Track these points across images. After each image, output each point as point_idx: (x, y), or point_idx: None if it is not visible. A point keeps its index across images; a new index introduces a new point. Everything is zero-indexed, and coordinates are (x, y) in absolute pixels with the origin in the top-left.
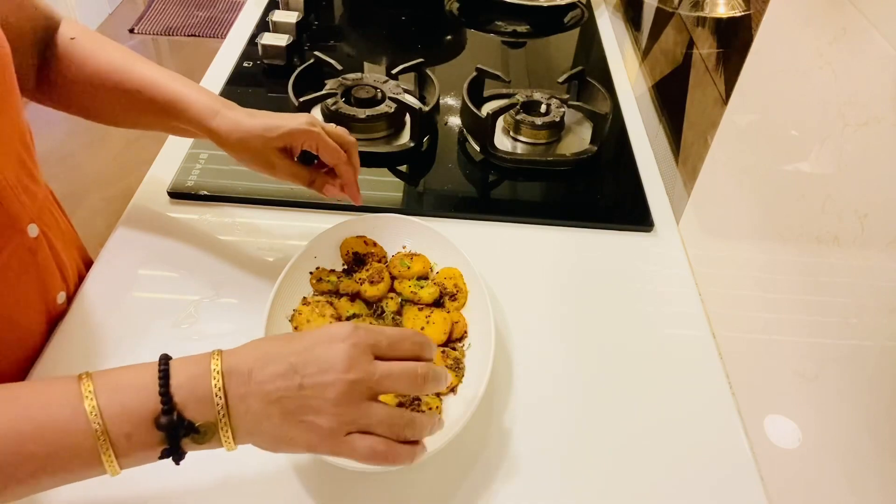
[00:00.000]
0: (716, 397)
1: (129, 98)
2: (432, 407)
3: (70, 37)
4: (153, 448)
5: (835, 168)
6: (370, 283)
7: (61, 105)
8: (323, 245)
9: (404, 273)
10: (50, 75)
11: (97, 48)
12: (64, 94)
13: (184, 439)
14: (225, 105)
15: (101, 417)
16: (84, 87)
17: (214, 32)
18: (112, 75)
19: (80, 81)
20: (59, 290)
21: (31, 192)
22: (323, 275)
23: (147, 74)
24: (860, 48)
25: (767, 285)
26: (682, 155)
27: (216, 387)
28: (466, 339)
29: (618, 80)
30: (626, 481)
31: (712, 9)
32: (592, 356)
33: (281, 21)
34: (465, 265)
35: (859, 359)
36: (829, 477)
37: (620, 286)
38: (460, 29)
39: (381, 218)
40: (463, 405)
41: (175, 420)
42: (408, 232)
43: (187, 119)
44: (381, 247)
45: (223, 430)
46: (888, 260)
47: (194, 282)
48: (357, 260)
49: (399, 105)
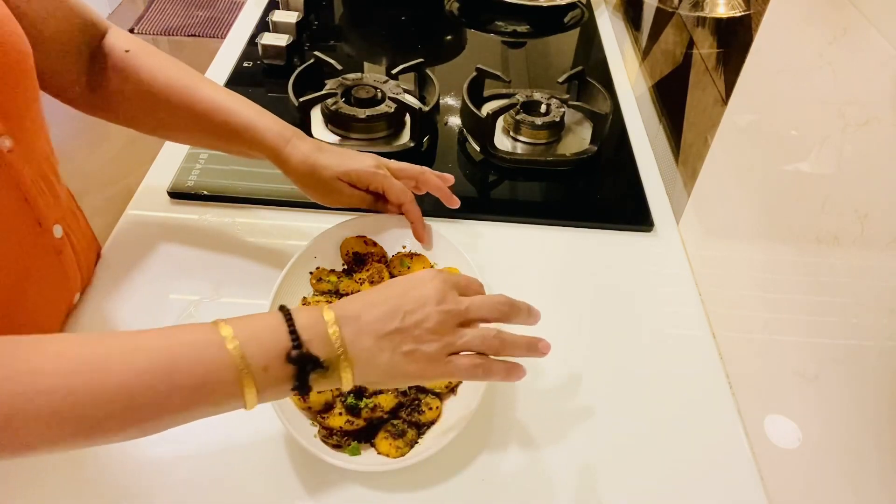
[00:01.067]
0: (716, 397)
1: (196, 120)
2: (432, 407)
3: (124, 49)
4: (286, 382)
5: (835, 168)
6: (370, 284)
7: (111, 116)
8: (323, 245)
9: (404, 273)
10: (103, 87)
11: (156, 64)
12: (118, 107)
13: (311, 374)
14: (295, 134)
15: (242, 352)
16: (143, 104)
17: (214, 32)
18: (178, 95)
19: (137, 97)
20: (77, 290)
21: (55, 191)
22: (323, 275)
23: (217, 98)
24: (860, 48)
25: (767, 285)
26: (682, 155)
27: (332, 330)
28: None
29: (618, 80)
30: (626, 481)
31: (712, 9)
32: (592, 356)
33: (281, 21)
34: (464, 265)
35: (859, 359)
36: (829, 477)
37: (620, 286)
38: (460, 29)
39: (381, 218)
40: (463, 406)
41: (304, 354)
42: (408, 232)
43: (259, 146)
44: (381, 247)
45: (343, 365)
46: (888, 260)
47: (194, 282)
48: (357, 260)
49: (399, 105)
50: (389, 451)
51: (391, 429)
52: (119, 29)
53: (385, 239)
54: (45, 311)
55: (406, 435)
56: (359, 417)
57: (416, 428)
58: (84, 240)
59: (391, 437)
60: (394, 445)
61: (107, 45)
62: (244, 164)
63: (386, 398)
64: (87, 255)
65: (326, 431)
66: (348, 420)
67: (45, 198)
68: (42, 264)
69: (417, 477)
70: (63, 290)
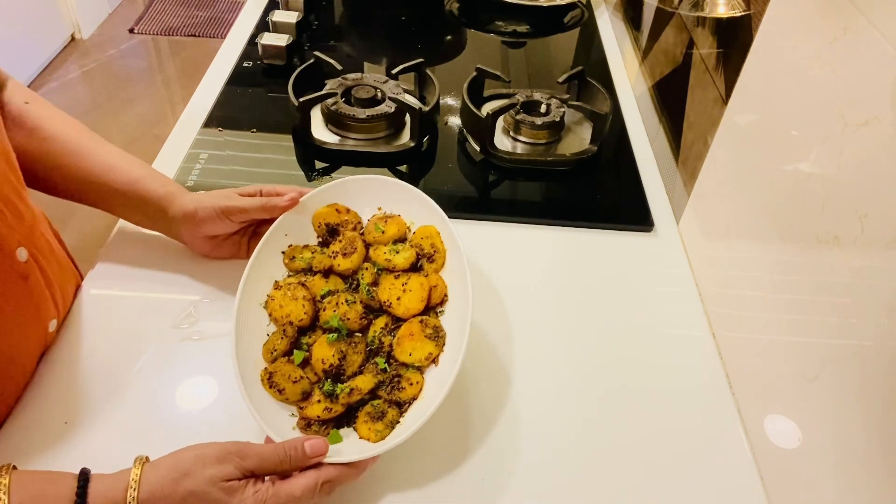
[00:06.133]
0: (716, 397)
1: (88, 179)
2: (413, 382)
3: (24, 101)
4: None
5: (835, 168)
6: (343, 256)
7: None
8: (293, 221)
9: (379, 238)
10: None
11: (56, 116)
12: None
13: None
14: (181, 190)
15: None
16: (46, 161)
17: (214, 32)
18: (73, 152)
19: (41, 154)
20: (52, 317)
21: (18, 212)
22: (296, 252)
23: (108, 158)
24: (860, 48)
25: (767, 285)
26: (682, 155)
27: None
28: (447, 303)
29: (618, 80)
30: (626, 481)
31: (712, 9)
32: (592, 356)
33: (281, 21)
34: (440, 222)
35: (859, 359)
36: (829, 477)
37: (620, 286)
38: (460, 29)
39: (350, 181)
40: (445, 372)
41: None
42: (381, 192)
43: (146, 201)
44: (356, 212)
45: None
46: (888, 260)
47: (194, 282)
48: (331, 231)
49: (399, 105)
50: (369, 436)
51: (371, 410)
52: (18, 83)
53: (359, 203)
54: (15, 339)
55: (386, 416)
56: (336, 403)
57: (398, 406)
58: (58, 266)
59: (370, 420)
60: (373, 430)
61: (5, 97)
62: (244, 164)
63: (364, 378)
64: (62, 282)
65: (304, 422)
66: (326, 408)
67: (4, 220)
68: (5, 291)
69: (417, 476)
70: (33, 318)
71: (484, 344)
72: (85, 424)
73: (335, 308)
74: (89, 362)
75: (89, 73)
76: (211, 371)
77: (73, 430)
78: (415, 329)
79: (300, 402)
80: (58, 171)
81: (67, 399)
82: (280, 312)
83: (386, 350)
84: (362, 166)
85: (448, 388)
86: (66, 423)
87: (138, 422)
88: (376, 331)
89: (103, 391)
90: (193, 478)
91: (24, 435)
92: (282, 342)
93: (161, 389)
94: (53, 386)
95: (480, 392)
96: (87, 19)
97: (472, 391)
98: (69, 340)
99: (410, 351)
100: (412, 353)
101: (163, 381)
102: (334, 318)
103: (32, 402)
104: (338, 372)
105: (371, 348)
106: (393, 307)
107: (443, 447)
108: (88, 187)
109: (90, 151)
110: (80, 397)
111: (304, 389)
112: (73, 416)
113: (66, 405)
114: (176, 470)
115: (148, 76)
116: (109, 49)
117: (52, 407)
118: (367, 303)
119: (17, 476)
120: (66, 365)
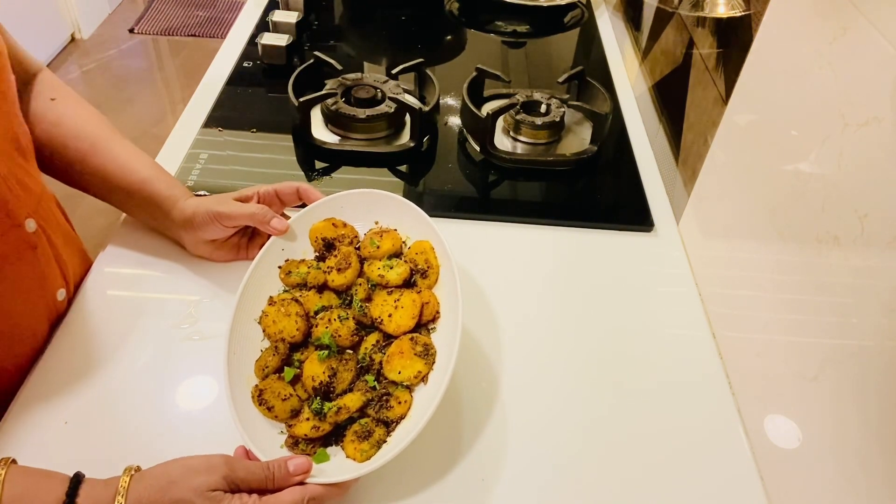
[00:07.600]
0: (716, 397)
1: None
2: (402, 401)
3: (50, 97)
4: None
5: (835, 168)
6: (337, 271)
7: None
8: (290, 236)
9: (374, 253)
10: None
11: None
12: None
13: None
14: (186, 192)
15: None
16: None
17: (214, 32)
18: (92, 147)
19: (62, 146)
20: (60, 286)
21: (25, 185)
22: (292, 267)
23: (122, 155)
24: (860, 48)
25: (767, 285)
26: (682, 155)
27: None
28: (439, 320)
29: (618, 80)
30: (626, 481)
31: (712, 9)
32: (593, 356)
33: (281, 21)
34: (434, 237)
35: (859, 359)
36: (829, 477)
37: (620, 286)
38: (460, 29)
39: (346, 196)
40: (433, 393)
41: None
42: (377, 205)
43: (153, 198)
44: (352, 226)
45: None
46: (888, 260)
47: (194, 282)
48: (328, 245)
49: (399, 105)
50: (354, 456)
51: (358, 429)
52: (50, 73)
53: (355, 217)
54: (23, 306)
55: (373, 435)
56: (324, 422)
57: (385, 425)
58: (65, 236)
59: (357, 440)
60: (359, 449)
61: (35, 87)
62: (244, 165)
63: (352, 397)
64: (70, 253)
65: (293, 440)
66: (314, 426)
67: (13, 190)
68: (14, 258)
69: (416, 477)
70: (42, 286)
71: (484, 344)
72: (85, 424)
73: (327, 324)
74: (89, 362)
75: (89, 73)
76: (211, 371)
77: (73, 429)
78: (405, 347)
79: (289, 420)
80: (74, 165)
81: (67, 399)
82: (273, 329)
83: (376, 367)
84: (362, 166)
85: (432, 410)
86: (65, 423)
87: (138, 422)
88: (367, 347)
89: (103, 391)
90: (180, 486)
91: (24, 434)
92: (273, 359)
93: (161, 389)
94: (53, 385)
95: (480, 392)
96: (87, 19)
97: (472, 391)
98: (69, 340)
99: (399, 369)
100: (401, 372)
101: (163, 381)
102: (325, 335)
103: (32, 401)
104: (327, 389)
105: (362, 365)
106: (384, 324)
107: (443, 446)
108: (102, 184)
109: (106, 150)
110: (80, 397)
111: (293, 407)
112: (73, 415)
113: (66, 405)
114: (163, 479)
115: (148, 76)
116: (109, 49)
117: (52, 407)
118: (359, 319)
119: (13, 471)
120: (66, 364)
